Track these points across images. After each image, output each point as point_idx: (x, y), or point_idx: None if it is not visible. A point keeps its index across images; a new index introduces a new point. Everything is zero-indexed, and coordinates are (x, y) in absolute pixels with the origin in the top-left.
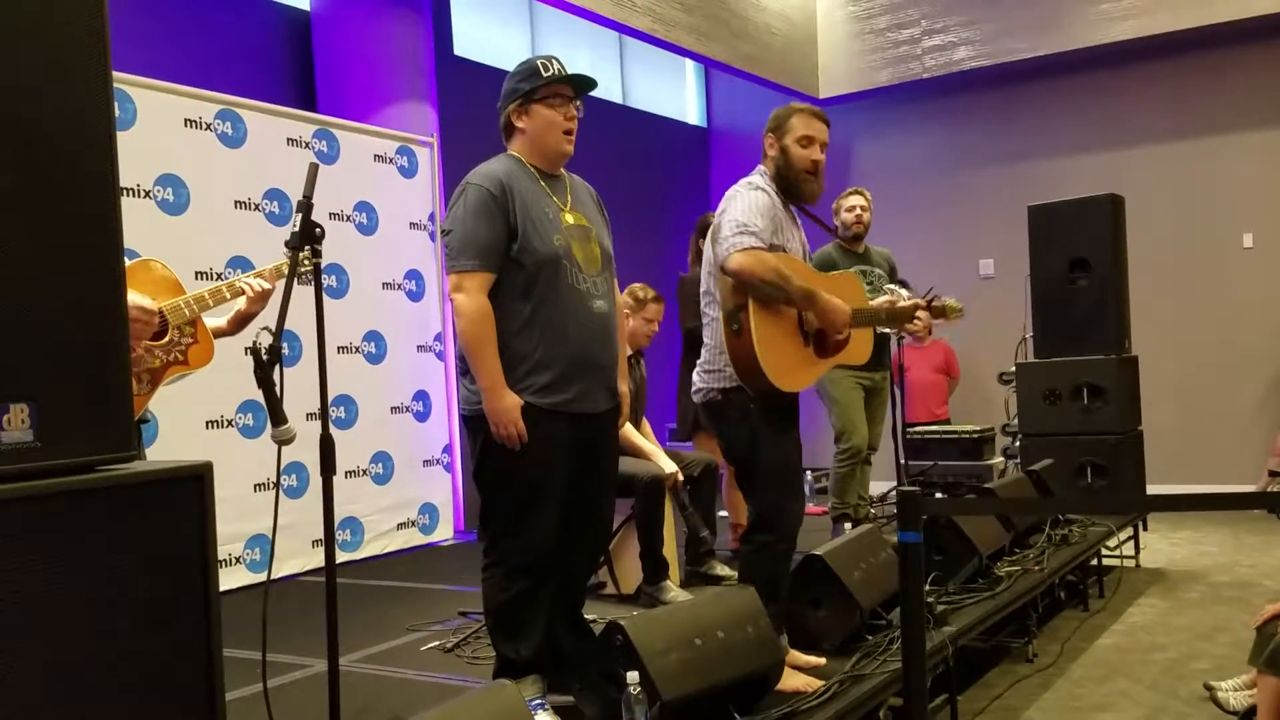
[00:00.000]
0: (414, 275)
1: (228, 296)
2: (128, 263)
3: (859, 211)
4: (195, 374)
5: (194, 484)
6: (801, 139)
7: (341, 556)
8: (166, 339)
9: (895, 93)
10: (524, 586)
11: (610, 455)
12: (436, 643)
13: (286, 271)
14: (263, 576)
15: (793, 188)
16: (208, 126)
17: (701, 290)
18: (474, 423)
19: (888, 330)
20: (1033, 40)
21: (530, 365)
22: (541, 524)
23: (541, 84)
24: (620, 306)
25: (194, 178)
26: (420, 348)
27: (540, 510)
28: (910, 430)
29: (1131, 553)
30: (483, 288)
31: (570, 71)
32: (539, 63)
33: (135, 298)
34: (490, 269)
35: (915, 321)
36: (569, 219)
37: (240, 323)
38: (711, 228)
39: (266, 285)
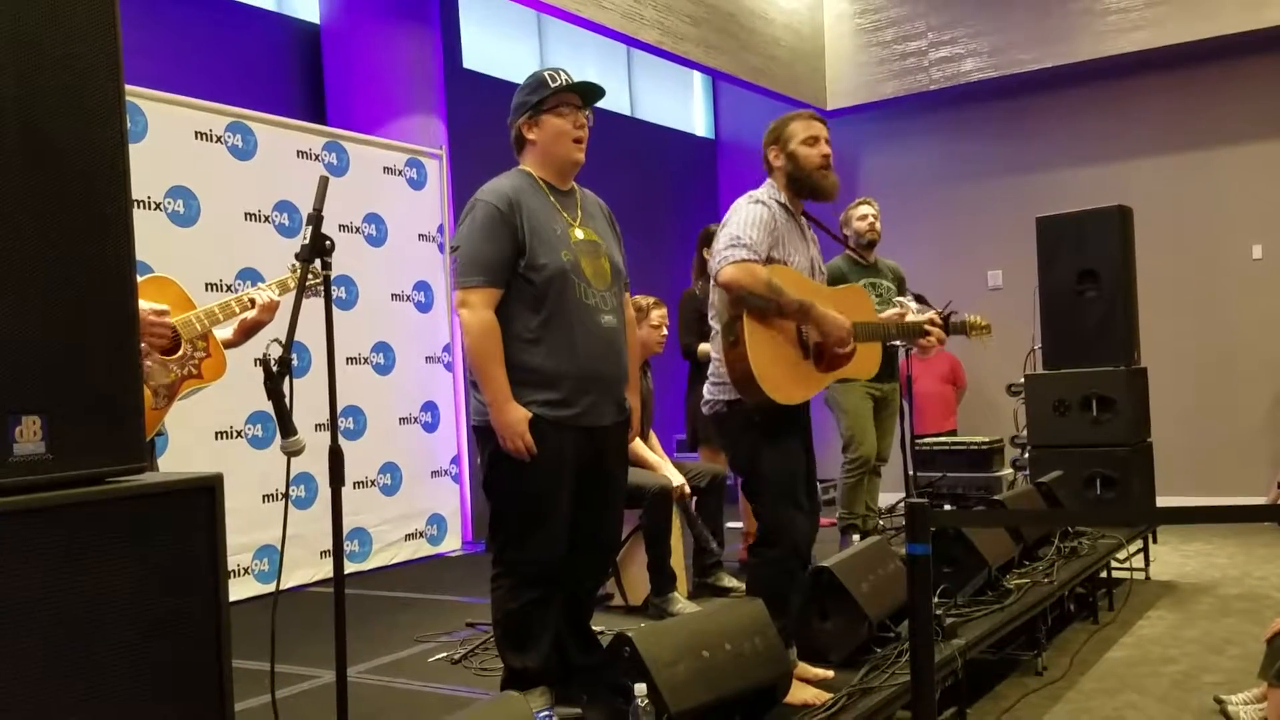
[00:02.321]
0: (422, 286)
1: (237, 310)
2: (139, 278)
3: (871, 219)
4: (208, 387)
5: (204, 495)
6: (806, 140)
7: (349, 567)
8: (180, 353)
9: (902, 104)
10: (532, 597)
11: (619, 468)
12: (444, 654)
13: (293, 286)
14: (271, 587)
15: (812, 187)
16: (218, 139)
17: (709, 303)
18: (484, 433)
19: (897, 343)
20: (1040, 52)
21: (539, 379)
22: (549, 535)
23: (549, 94)
24: (631, 321)
25: (204, 190)
26: (429, 359)
27: (548, 521)
28: (919, 442)
29: (1141, 565)
30: (488, 303)
31: (568, 81)
32: (546, 74)
33: (145, 303)
34: (496, 285)
35: (928, 337)
36: (578, 234)
37: (247, 332)
38: (713, 243)
39: (275, 296)
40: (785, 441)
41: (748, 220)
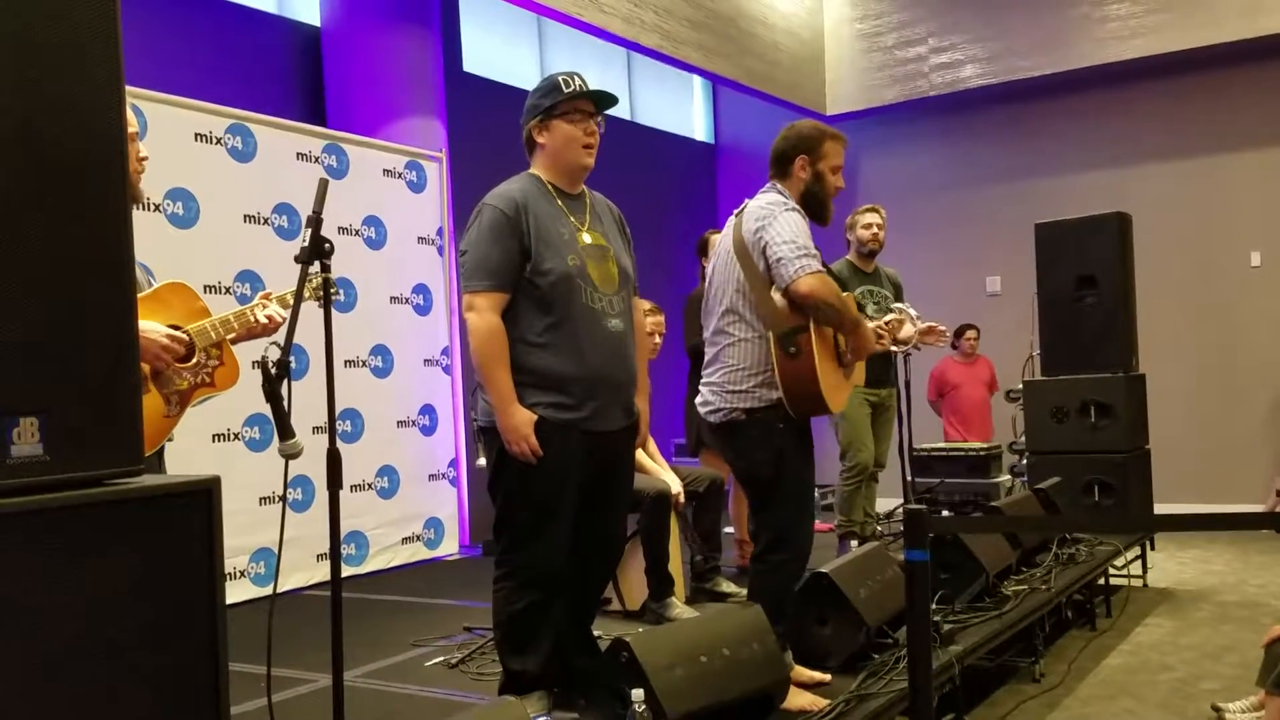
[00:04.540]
0: (421, 289)
1: (252, 320)
2: (155, 285)
3: (875, 229)
4: (219, 395)
5: (202, 498)
6: (835, 167)
7: (346, 570)
8: (194, 361)
9: (902, 110)
10: (534, 599)
11: (624, 472)
12: (441, 658)
13: (307, 296)
14: (267, 590)
15: (818, 211)
16: (218, 141)
17: (722, 309)
18: (490, 434)
19: (895, 349)
20: (1039, 59)
21: (547, 382)
22: (554, 538)
23: (562, 99)
24: (640, 325)
25: (204, 192)
26: (427, 362)
27: (553, 525)
28: (916, 448)
29: (1139, 572)
30: (494, 307)
31: (581, 87)
32: (560, 79)
33: (159, 326)
34: (502, 289)
35: (880, 342)
36: (586, 238)
37: (246, 335)
38: (748, 245)
39: (284, 316)
40: (804, 449)
41: (799, 228)
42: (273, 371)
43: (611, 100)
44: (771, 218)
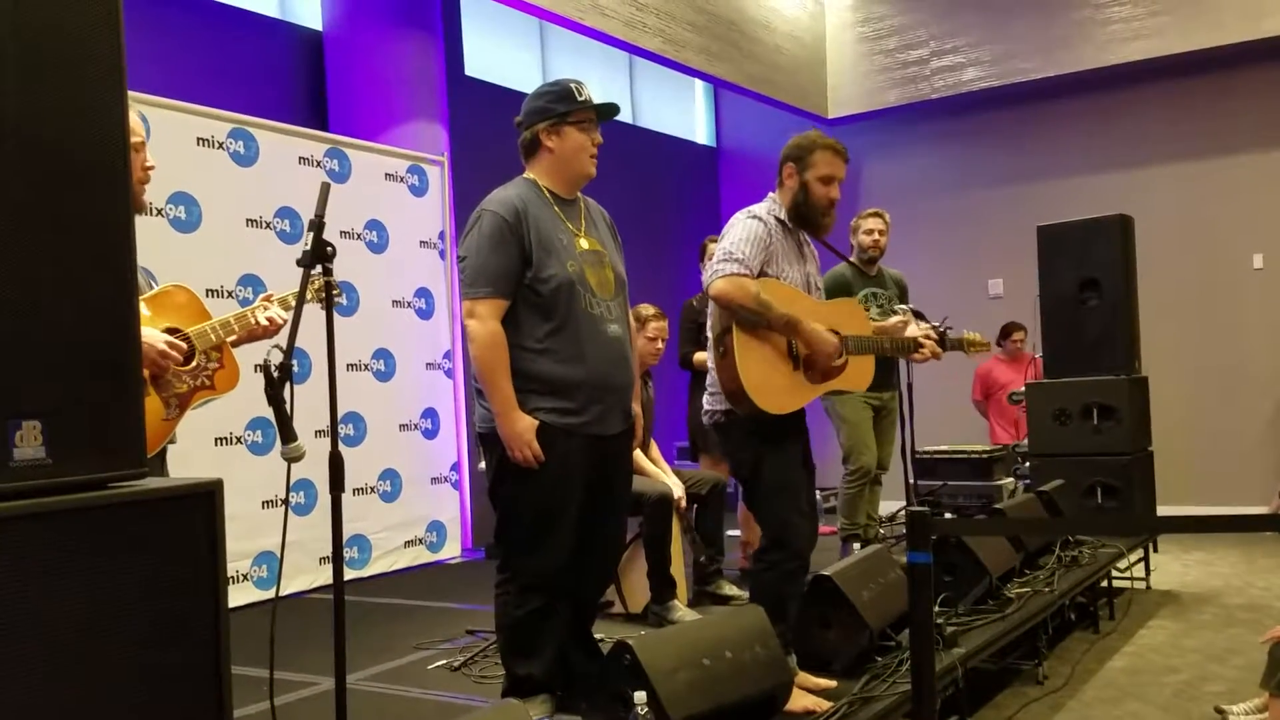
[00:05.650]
0: (424, 293)
1: (253, 322)
2: (156, 289)
3: (876, 236)
4: (219, 398)
5: (204, 501)
6: (824, 177)
7: (349, 574)
8: (193, 364)
9: (904, 113)
10: (537, 604)
11: (623, 476)
12: (444, 661)
13: (310, 299)
14: (270, 593)
15: (808, 221)
16: (220, 145)
17: (706, 314)
18: (490, 440)
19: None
20: (1041, 61)
21: (549, 388)
22: (556, 543)
23: (577, 107)
24: (633, 329)
25: (206, 196)
26: (429, 365)
27: (556, 529)
28: (920, 451)
29: (1142, 574)
30: (495, 314)
31: (590, 97)
32: (573, 86)
33: (159, 333)
34: (503, 295)
35: (920, 352)
36: (583, 244)
37: (248, 337)
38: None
39: (285, 318)
40: (786, 448)
41: (742, 236)
42: (275, 375)
43: (616, 113)
44: (730, 227)
